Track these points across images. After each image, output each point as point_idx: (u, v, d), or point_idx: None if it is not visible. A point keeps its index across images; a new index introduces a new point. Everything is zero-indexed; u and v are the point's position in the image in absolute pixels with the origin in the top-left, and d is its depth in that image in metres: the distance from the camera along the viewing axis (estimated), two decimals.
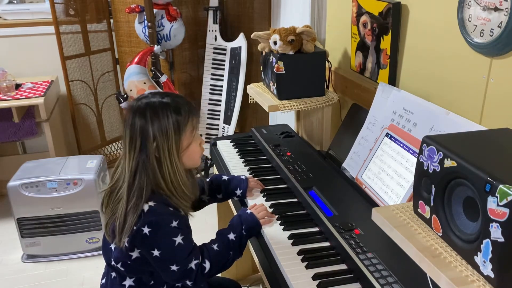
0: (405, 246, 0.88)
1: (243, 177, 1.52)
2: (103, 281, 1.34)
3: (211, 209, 1.90)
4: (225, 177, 1.52)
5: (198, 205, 1.50)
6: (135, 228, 1.14)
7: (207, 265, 1.20)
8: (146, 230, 1.14)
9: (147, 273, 1.23)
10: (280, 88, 1.75)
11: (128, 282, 1.24)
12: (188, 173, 1.26)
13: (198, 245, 1.25)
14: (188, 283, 1.20)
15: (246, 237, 1.30)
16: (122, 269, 1.22)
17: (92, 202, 2.42)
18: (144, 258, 1.18)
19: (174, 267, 1.17)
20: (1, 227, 2.81)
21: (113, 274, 1.27)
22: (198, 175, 1.39)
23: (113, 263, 1.23)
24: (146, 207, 1.15)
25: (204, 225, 1.30)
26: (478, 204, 0.75)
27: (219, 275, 2.03)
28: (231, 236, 1.27)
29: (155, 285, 1.25)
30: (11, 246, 2.61)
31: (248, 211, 1.34)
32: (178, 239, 1.16)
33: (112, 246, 1.23)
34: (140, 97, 1.22)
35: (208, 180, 1.52)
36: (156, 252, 1.15)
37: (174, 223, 1.16)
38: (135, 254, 1.18)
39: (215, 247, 1.25)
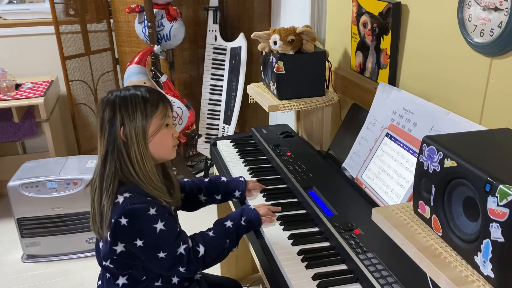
0: (405, 246, 0.88)
1: (242, 179, 1.52)
2: (99, 282, 1.34)
3: (211, 209, 1.90)
4: (224, 178, 1.52)
5: (195, 205, 1.50)
6: (113, 220, 1.14)
7: (201, 249, 1.20)
8: (123, 221, 1.13)
9: (138, 268, 1.22)
10: (280, 88, 1.75)
11: (121, 280, 1.24)
12: (158, 166, 1.26)
13: (195, 232, 1.25)
14: (181, 269, 1.18)
15: (244, 228, 1.29)
16: (111, 266, 1.21)
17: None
18: (129, 251, 1.18)
19: (162, 254, 1.16)
20: (1, 227, 2.81)
21: (107, 274, 1.27)
22: (179, 176, 1.39)
23: (103, 262, 1.22)
24: (121, 199, 1.15)
25: (204, 224, 1.30)
26: (478, 204, 0.75)
27: (219, 274, 2.04)
28: (228, 223, 1.28)
29: (149, 280, 1.24)
30: (11, 246, 2.61)
31: (251, 206, 1.35)
32: (159, 226, 1.15)
33: (100, 245, 1.23)
34: (112, 90, 1.24)
35: (206, 180, 1.52)
36: (139, 242, 1.14)
37: (152, 211, 1.15)
38: (119, 248, 1.18)
39: (210, 233, 1.25)
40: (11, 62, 3.11)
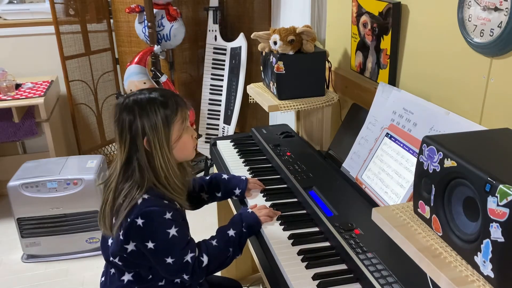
0: (405, 246, 0.88)
1: (243, 177, 1.52)
2: (103, 279, 1.34)
3: (211, 209, 1.90)
4: (225, 176, 1.53)
5: (197, 203, 1.51)
6: (129, 220, 1.15)
7: (204, 259, 1.20)
8: (139, 221, 1.14)
9: (145, 267, 1.23)
10: (280, 88, 1.75)
11: (127, 277, 1.24)
12: (179, 166, 1.27)
13: (197, 241, 1.25)
14: (185, 277, 1.19)
15: (246, 234, 1.30)
16: (119, 263, 1.22)
17: (92, 202, 2.42)
18: (139, 251, 1.18)
19: (169, 260, 1.17)
20: (1, 227, 2.81)
21: (112, 270, 1.27)
22: (193, 173, 1.40)
23: (111, 258, 1.23)
24: (140, 200, 1.16)
25: (204, 224, 1.31)
26: (478, 204, 0.75)
27: (219, 274, 2.04)
28: (231, 232, 1.27)
29: (154, 280, 1.25)
30: (11, 246, 2.61)
31: (250, 210, 1.35)
32: (173, 231, 1.16)
33: (109, 241, 1.23)
34: (128, 94, 1.24)
35: (207, 178, 1.52)
36: (150, 244, 1.15)
37: (168, 215, 1.17)
38: (130, 247, 1.18)
39: (214, 242, 1.25)
40: (11, 62, 3.10)
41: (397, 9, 1.48)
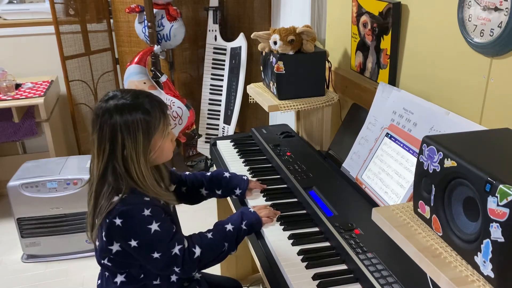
0: (405, 246, 0.88)
1: (245, 178, 1.52)
2: (99, 281, 1.34)
3: (211, 209, 1.90)
4: (226, 174, 1.52)
5: (196, 199, 1.51)
6: (107, 220, 1.14)
7: (197, 250, 1.20)
8: (118, 221, 1.14)
9: (135, 266, 1.22)
10: (280, 88, 1.75)
11: (119, 278, 1.24)
12: (155, 168, 1.27)
13: (194, 233, 1.25)
14: (176, 269, 1.18)
15: (245, 232, 1.29)
16: (109, 264, 1.22)
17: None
18: (125, 250, 1.18)
19: (156, 255, 1.16)
20: (1, 227, 2.81)
21: (106, 273, 1.27)
22: (174, 168, 1.39)
23: (102, 261, 1.23)
24: (116, 199, 1.15)
25: (205, 224, 1.30)
26: (478, 204, 0.75)
27: (219, 273, 2.04)
28: (229, 227, 1.27)
29: (147, 279, 1.24)
30: (11, 246, 2.61)
31: (251, 209, 1.35)
32: (154, 226, 1.15)
33: (97, 244, 1.23)
34: (107, 97, 1.19)
35: (208, 174, 1.52)
36: (133, 243, 1.15)
37: (146, 211, 1.15)
38: (115, 247, 1.18)
39: (209, 235, 1.25)
40: (11, 62, 3.10)
41: (397, 9, 1.48)
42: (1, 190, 3.03)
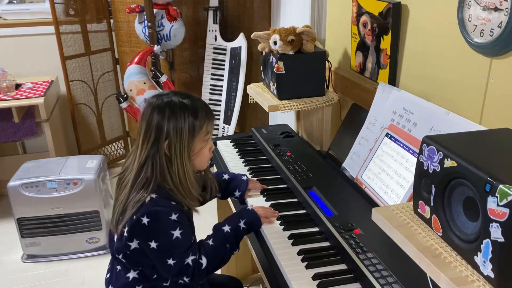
0: (405, 246, 0.88)
1: (244, 178, 1.52)
2: (108, 275, 1.35)
3: (211, 209, 1.90)
4: (226, 176, 1.53)
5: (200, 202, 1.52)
6: (134, 217, 1.16)
7: (203, 261, 1.21)
8: (145, 220, 1.15)
9: (149, 266, 1.23)
10: (280, 88, 1.75)
11: (132, 274, 1.25)
12: (195, 175, 1.29)
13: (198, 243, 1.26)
14: (186, 279, 1.20)
15: (244, 230, 1.30)
16: (123, 260, 1.23)
17: (92, 202, 2.42)
18: (142, 249, 1.19)
19: (170, 261, 1.17)
20: (1, 227, 2.81)
21: (118, 267, 1.28)
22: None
23: (116, 255, 1.24)
24: (147, 198, 1.17)
25: (205, 224, 1.31)
26: (478, 204, 0.75)
27: (220, 272, 2.03)
28: (226, 228, 1.28)
29: (159, 280, 1.25)
30: (11, 246, 2.61)
31: (250, 207, 1.35)
32: (177, 233, 1.17)
33: (115, 238, 1.24)
34: (161, 94, 1.24)
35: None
36: (153, 244, 1.16)
37: (174, 216, 1.17)
38: (133, 244, 1.19)
39: (210, 242, 1.26)
40: (11, 62, 3.10)
41: (397, 9, 1.48)
42: (1, 190, 3.03)
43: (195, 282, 1.23)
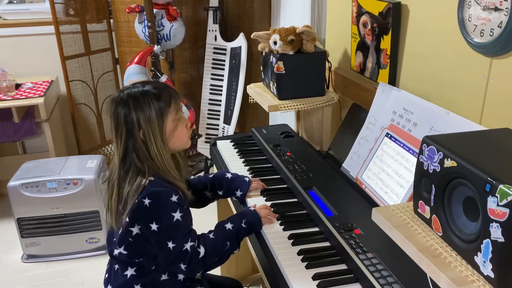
0: (405, 246, 0.88)
1: (247, 179, 1.52)
2: (106, 275, 1.35)
3: (211, 209, 1.91)
4: (228, 175, 1.53)
5: (202, 202, 1.52)
6: (136, 201, 1.17)
7: (201, 250, 1.21)
8: (146, 201, 1.17)
9: (150, 256, 1.24)
10: (280, 88, 1.75)
11: (130, 271, 1.25)
12: (173, 157, 1.30)
13: (198, 234, 1.27)
14: (182, 266, 1.20)
15: (245, 231, 1.30)
16: (124, 252, 1.23)
17: (92, 202, 2.42)
18: (144, 235, 1.20)
19: (170, 244, 1.18)
20: (1, 227, 2.81)
21: (116, 266, 1.29)
22: (188, 166, 1.42)
23: (115, 252, 1.24)
24: (146, 182, 1.19)
25: (205, 224, 1.31)
26: (478, 204, 0.75)
27: (219, 273, 2.04)
28: (228, 226, 1.29)
29: (156, 272, 1.26)
30: (11, 246, 2.61)
31: (251, 208, 1.35)
32: (177, 215, 1.19)
33: (116, 234, 1.25)
34: (122, 88, 1.26)
35: (211, 176, 1.53)
36: (154, 226, 1.17)
37: (174, 198, 1.19)
38: (135, 230, 1.20)
39: (211, 235, 1.27)
40: (11, 62, 3.10)
41: (397, 9, 1.48)
42: (1, 190, 3.03)
43: (191, 271, 1.23)
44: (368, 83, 1.71)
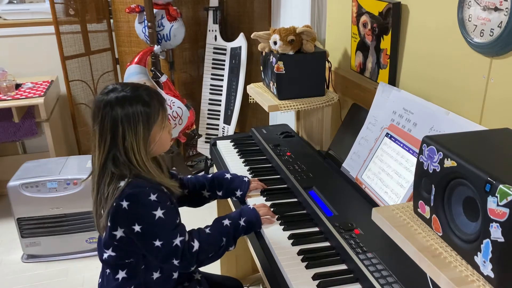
0: (405, 246, 0.88)
1: (246, 179, 1.52)
2: (100, 280, 1.34)
3: (211, 209, 1.91)
4: (227, 175, 1.53)
5: (199, 201, 1.52)
6: (114, 204, 1.15)
7: (195, 244, 1.20)
8: (124, 204, 1.15)
9: (139, 255, 1.22)
10: (280, 88, 1.75)
11: (121, 274, 1.24)
12: (153, 160, 1.27)
13: (192, 228, 1.26)
14: (175, 262, 1.19)
15: (243, 228, 1.30)
16: (113, 254, 1.22)
17: (92, 202, 2.42)
18: (128, 237, 1.18)
19: (157, 243, 1.16)
20: (1, 227, 2.81)
21: (107, 270, 1.28)
22: (174, 169, 1.41)
23: (104, 256, 1.23)
24: (122, 183, 1.16)
25: (204, 224, 1.31)
26: (478, 204, 0.75)
27: (219, 273, 2.04)
28: (226, 222, 1.28)
29: (147, 270, 1.25)
30: (11, 246, 2.61)
31: (251, 206, 1.35)
32: (159, 213, 1.16)
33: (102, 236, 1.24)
34: (108, 90, 1.21)
35: (209, 176, 1.53)
36: (137, 227, 1.15)
37: (153, 196, 1.16)
38: (119, 233, 1.18)
39: (207, 230, 1.26)
40: (11, 62, 3.10)
41: (397, 9, 1.48)
42: (1, 190, 3.02)
43: (185, 266, 1.21)
44: (368, 83, 1.71)
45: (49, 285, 2.33)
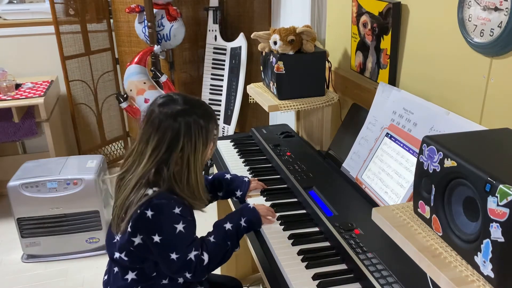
0: (405, 246, 0.88)
1: (246, 179, 1.52)
2: (105, 277, 1.34)
3: (211, 209, 1.90)
4: (227, 176, 1.53)
5: None
6: (138, 211, 1.16)
7: (205, 257, 1.21)
8: (149, 213, 1.15)
9: (151, 262, 1.23)
10: (280, 88, 1.75)
11: (130, 275, 1.25)
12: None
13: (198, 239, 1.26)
14: (188, 275, 1.20)
15: (244, 228, 1.30)
16: (125, 258, 1.22)
17: (92, 202, 2.42)
18: (145, 244, 1.19)
19: (173, 256, 1.17)
20: (1, 227, 2.81)
21: (116, 269, 1.28)
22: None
23: (116, 255, 1.23)
24: (150, 192, 1.17)
25: (205, 224, 1.31)
26: (478, 204, 0.74)
27: (219, 272, 2.03)
28: (228, 225, 1.28)
29: (158, 278, 1.25)
30: (11, 246, 2.61)
31: (251, 205, 1.35)
32: (180, 227, 1.17)
33: (117, 237, 1.24)
34: (168, 100, 1.21)
35: (210, 177, 1.53)
36: (156, 238, 1.16)
37: (177, 210, 1.18)
38: (137, 240, 1.19)
39: (211, 239, 1.26)
40: (11, 62, 3.10)
41: (397, 9, 1.48)
42: (1, 190, 3.02)
43: (196, 279, 1.23)
44: (368, 83, 1.71)
45: (49, 285, 2.33)
